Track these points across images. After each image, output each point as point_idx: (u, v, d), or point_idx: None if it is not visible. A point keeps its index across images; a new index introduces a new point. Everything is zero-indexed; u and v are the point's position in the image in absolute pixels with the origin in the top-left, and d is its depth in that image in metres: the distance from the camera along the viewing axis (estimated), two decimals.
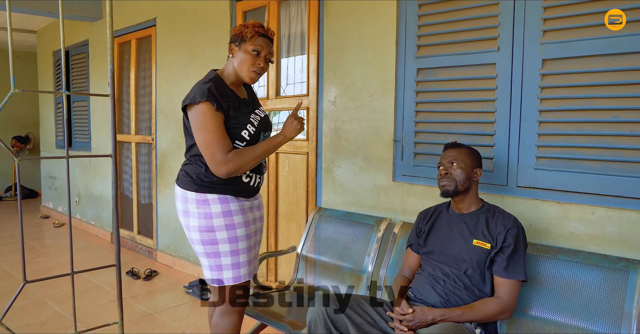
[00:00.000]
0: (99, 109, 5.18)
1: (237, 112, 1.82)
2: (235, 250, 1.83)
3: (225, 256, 1.83)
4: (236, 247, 1.83)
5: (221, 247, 1.82)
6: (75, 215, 5.72)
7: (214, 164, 1.74)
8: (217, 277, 1.84)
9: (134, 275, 3.81)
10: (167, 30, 4.02)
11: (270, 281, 3.20)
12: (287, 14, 3.04)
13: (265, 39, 1.85)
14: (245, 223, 1.87)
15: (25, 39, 6.89)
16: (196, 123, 1.76)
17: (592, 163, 1.82)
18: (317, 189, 2.84)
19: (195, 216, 1.82)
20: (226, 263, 1.83)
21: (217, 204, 1.82)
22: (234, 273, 1.84)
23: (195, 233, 1.83)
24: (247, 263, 1.88)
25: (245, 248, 1.86)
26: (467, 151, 1.86)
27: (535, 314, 1.77)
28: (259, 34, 1.83)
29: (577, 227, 1.83)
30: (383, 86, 2.44)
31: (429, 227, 1.91)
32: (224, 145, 1.74)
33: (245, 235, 1.86)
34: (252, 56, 1.82)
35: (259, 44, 1.82)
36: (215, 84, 1.80)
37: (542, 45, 1.89)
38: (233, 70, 1.87)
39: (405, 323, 1.66)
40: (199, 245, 1.84)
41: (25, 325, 2.86)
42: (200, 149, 1.77)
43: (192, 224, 1.83)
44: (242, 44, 1.83)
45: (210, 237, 1.82)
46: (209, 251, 1.83)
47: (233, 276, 1.84)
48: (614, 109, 1.75)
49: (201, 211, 1.81)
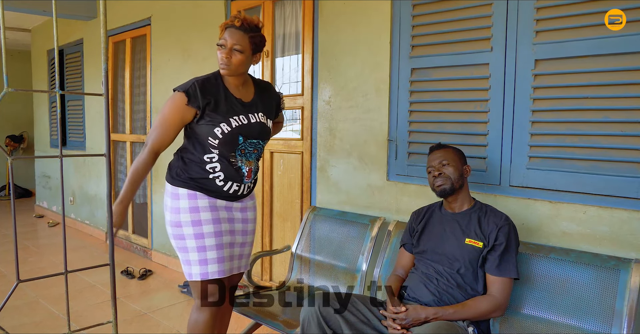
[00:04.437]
0: (94, 108, 5.16)
1: (216, 110, 1.81)
2: (202, 246, 1.83)
3: (192, 252, 1.84)
4: (202, 243, 1.83)
5: (188, 243, 1.83)
6: (70, 214, 5.70)
7: (144, 145, 1.80)
8: (187, 271, 1.86)
9: (129, 274, 3.80)
10: (162, 30, 4.01)
11: (265, 280, 3.20)
12: (281, 13, 3.05)
13: (231, 29, 1.81)
14: (215, 220, 1.85)
15: (19, 38, 6.85)
16: (164, 105, 1.80)
17: (583, 163, 1.83)
18: (312, 188, 2.84)
19: (168, 210, 1.86)
20: (193, 259, 1.84)
21: (186, 199, 1.83)
22: (201, 269, 1.83)
23: (169, 227, 1.88)
24: (216, 260, 1.85)
25: (214, 245, 1.84)
26: (453, 150, 1.89)
27: (527, 313, 1.78)
28: (226, 27, 1.82)
29: (569, 226, 1.85)
30: (377, 86, 2.45)
31: (422, 227, 1.93)
32: (159, 137, 1.78)
33: (214, 232, 1.84)
34: (219, 50, 1.82)
35: (223, 37, 1.81)
36: (206, 79, 1.82)
37: (535, 46, 1.91)
38: None
39: (399, 322, 1.67)
40: (172, 239, 1.88)
41: (19, 325, 2.85)
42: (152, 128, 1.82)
43: (166, 218, 1.88)
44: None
45: (178, 232, 1.84)
46: (179, 246, 1.86)
47: (200, 272, 1.83)
48: (605, 109, 1.77)
49: (173, 205, 1.84)
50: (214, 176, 1.85)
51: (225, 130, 1.81)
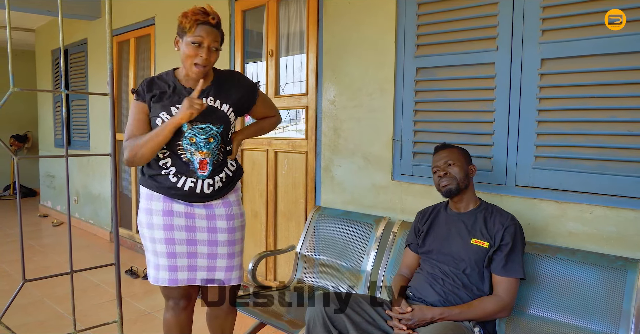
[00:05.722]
0: (98, 107, 5.18)
1: (160, 102, 1.76)
2: (154, 251, 1.80)
3: (148, 253, 1.84)
4: (154, 248, 1.80)
5: (146, 244, 1.84)
6: (74, 214, 5.71)
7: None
8: (147, 272, 1.87)
9: (133, 274, 3.81)
10: (166, 29, 4.02)
11: (269, 280, 3.20)
12: (286, 13, 3.04)
13: (207, 27, 1.70)
14: (166, 227, 1.77)
15: (24, 38, 6.88)
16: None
17: (590, 162, 1.82)
18: (316, 188, 2.84)
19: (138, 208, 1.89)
20: (149, 259, 1.84)
21: (144, 199, 1.83)
22: (155, 274, 1.81)
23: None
24: (167, 267, 1.77)
25: (165, 252, 1.77)
26: (458, 150, 1.88)
27: (533, 313, 1.77)
28: (198, 22, 1.69)
29: (575, 226, 1.84)
30: (382, 85, 2.44)
31: (427, 227, 1.92)
32: (130, 132, 1.75)
33: (164, 239, 1.76)
34: (193, 48, 1.70)
35: (198, 34, 1.69)
36: (157, 76, 1.84)
37: (541, 45, 1.89)
38: (182, 64, 1.80)
39: (404, 322, 1.67)
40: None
41: (24, 324, 2.86)
42: None
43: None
44: (183, 35, 1.73)
45: (140, 231, 1.85)
46: (143, 244, 1.86)
47: (153, 276, 1.82)
48: (611, 109, 1.76)
49: (140, 204, 1.86)
50: (167, 171, 1.78)
51: (165, 119, 1.73)
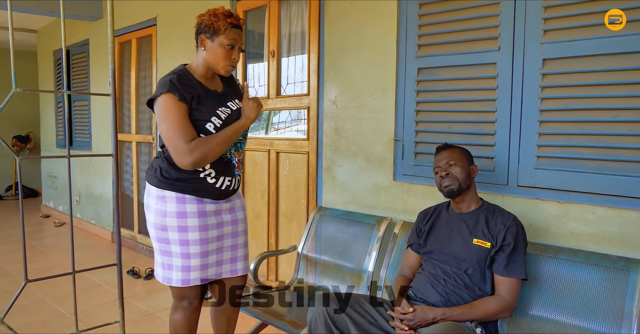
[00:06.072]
0: (100, 108, 5.18)
1: (202, 104, 1.75)
2: (186, 253, 1.79)
3: (175, 257, 1.80)
4: (187, 250, 1.79)
5: (173, 248, 1.79)
6: (76, 214, 5.72)
7: (178, 154, 1.67)
8: (167, 276, 1.83)
9: (135, 274, 3.81)
10: (168, 30, 4.02)
11: (271, 280, 3.20)
12: (287, 13, 3.04)
13: (238, 30, 1.78)
14: (202, 227, 1.80)
15: (26, 39, 6.89)
16: (159, 115, 1.70)
17: (592, 162, 1.82)
18: (318, 188, 2.84)
19: (152, 212, 1.80)
20: (176, 264, 1.80)
21: (174, 203, 1.77)
22: (183, 276, 1.80)
23: (151, 229, 1.82)
24: (199, 267, 1.81)
25: (198, 253, 1.80)
26: (460, 150, 1.87)
27: (535, 314, 1.77)
28: (232, 25, 1.75)
29: (577, 226, 1.83)
30: (383, 86, 2.44)
31: (428, 227, 1.92)
32: (187, 134, 1.67)
33: (199, 239, 1.79)
34: (227, 50, 1.77)
35: (232, 37, 1.76)
36: (179, 76, 1.76)
37: (543, 45, 1.89)
38: (203, 62, 1.81)
39: (406, 322, 1.67)
40: (154, 241, 1.83)
41: (26, 324, 2.86)
42: (164, 141, 1.71)
43: (148, 219, 1.82)
44: (215, 36, 1.76)
45: (163, 236, 1.79)
46: (162, 249, 1.81)
47: (182, 279, 1.81)
48: (613, 109, 1.75)
49: (158, 207, 1.78)
50: (205, 174, 1.79)
51: (217, 124, 1.76)
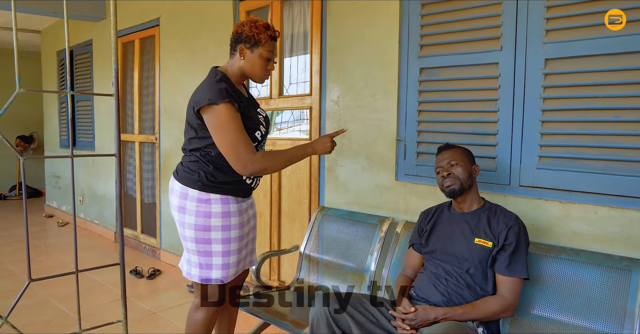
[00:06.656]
0: (103, 108, 5.20)
1: (250, 113, 1.84)
2: (227, 251, 1.84)
3: (216, 256, 1.83)
4: (228, 248, 1.84)
5: (214, 247, 1.82)
6: (79, 214, 5.74)
7: (240, 163, 1.74)
8: (205, 275, 1.85)
9: (138, 274, 3.82)
10: (171, 30, 4.03)
11: (273, 280, 3.20)
12: (290, 13, 3.05)
13: (275, 43, 1.88)
14: (241, 225, 1.88)
15: (29, 39, 6.92)
16: (217, 123, 1.73)
17: (594, 162, 1.82)
18: (320, 188, 2.84)
19: (193, 214, 1.81)
20: (216, 263, 1.84)
21: (219, 204, 1.82)
22: (223, 273, 1.85)
23: (190, 231, 1.83)
24: (235, 264, 1.89)
25: (236, 250, 1.88)
26: (461, 150, 1.88)
27: (537, 314, 1.77)
28: (271, 37, 1.85)
29: (580, 226, 1.83)
30: (386, 86, 2.44)
31: (430, 227, 1.92)
32: (249, 145, 1.76)
33: (238, 237, 1.87)
34: (266, 61, 1.86)
35: (271, 49, 1.85)
36: (226, 82, 1.79)
37: (545, 45, 1.89)
38: (239, 71, 1.86)
39: (408, 322, 1.67)
40: (192, 243, 1.84)
41: (30, 323, 2.88)
42: (223, 149, 1.76)
43: (187, 222, 1.83)
44: (254, 47, 1.83)
45: (205, 236, 1.82)
46: (201, 250, 1.83)
47: (221, 277, 1.85)
48: (616, 109, 1.75)
49: (200, 209, 1.81)
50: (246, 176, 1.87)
51: (263, 132, 1.88)
